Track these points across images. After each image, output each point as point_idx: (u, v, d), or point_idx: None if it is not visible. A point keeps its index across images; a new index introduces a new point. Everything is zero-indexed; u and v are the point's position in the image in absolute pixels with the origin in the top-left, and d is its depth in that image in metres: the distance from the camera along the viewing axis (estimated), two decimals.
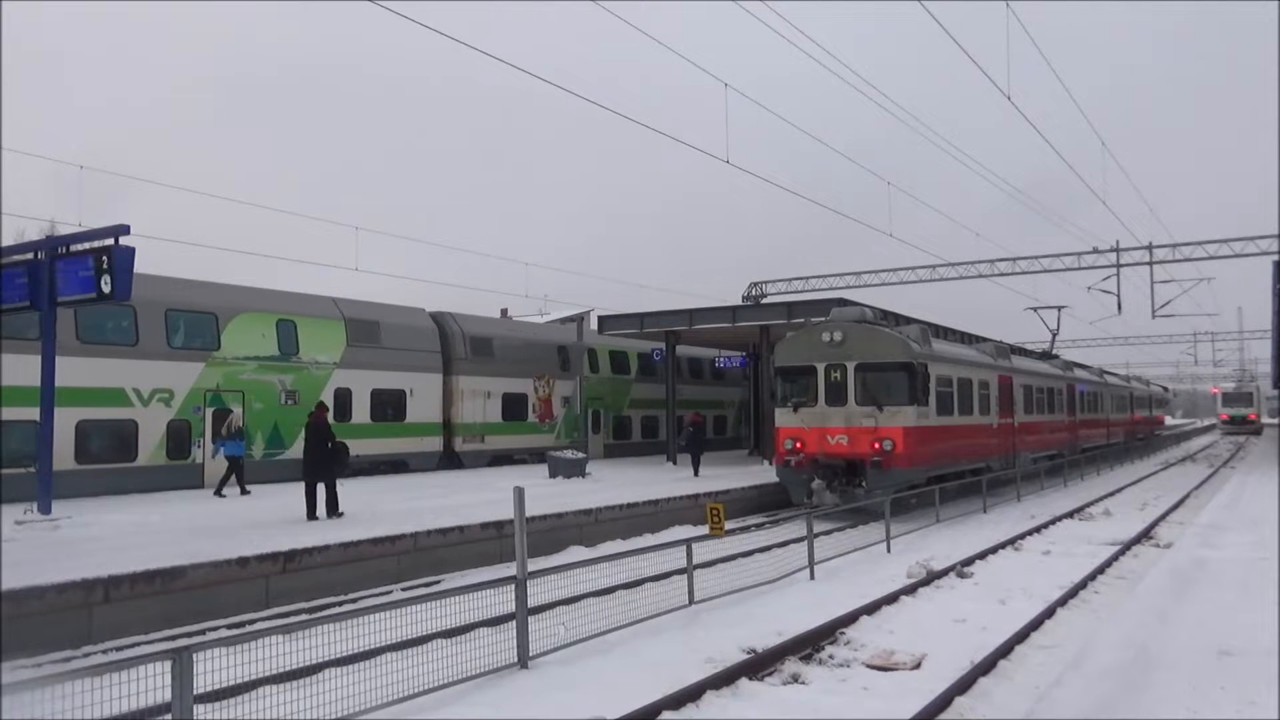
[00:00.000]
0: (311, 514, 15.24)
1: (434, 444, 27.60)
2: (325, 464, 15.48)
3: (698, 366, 40.44)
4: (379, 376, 25.80)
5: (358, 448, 23.15)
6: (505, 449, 30.04)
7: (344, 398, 24.67)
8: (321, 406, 16.38)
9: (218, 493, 19.11)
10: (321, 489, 15.52)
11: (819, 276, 36.25)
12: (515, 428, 30.72)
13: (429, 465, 27.08)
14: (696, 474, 25.22)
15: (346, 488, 17.40)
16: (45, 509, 14.95)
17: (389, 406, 26.09)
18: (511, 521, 9.09)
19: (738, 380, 40.67)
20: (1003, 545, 15.67)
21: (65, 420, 17.92)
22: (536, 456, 29.83)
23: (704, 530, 13.19)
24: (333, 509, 15.40)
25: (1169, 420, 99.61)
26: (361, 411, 25.25)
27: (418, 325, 27.78)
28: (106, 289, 14.57)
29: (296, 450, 21.13)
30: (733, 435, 42.11)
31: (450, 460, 28.07)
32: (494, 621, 9.83)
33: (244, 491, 19.44)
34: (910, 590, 11.70)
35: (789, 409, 20.65)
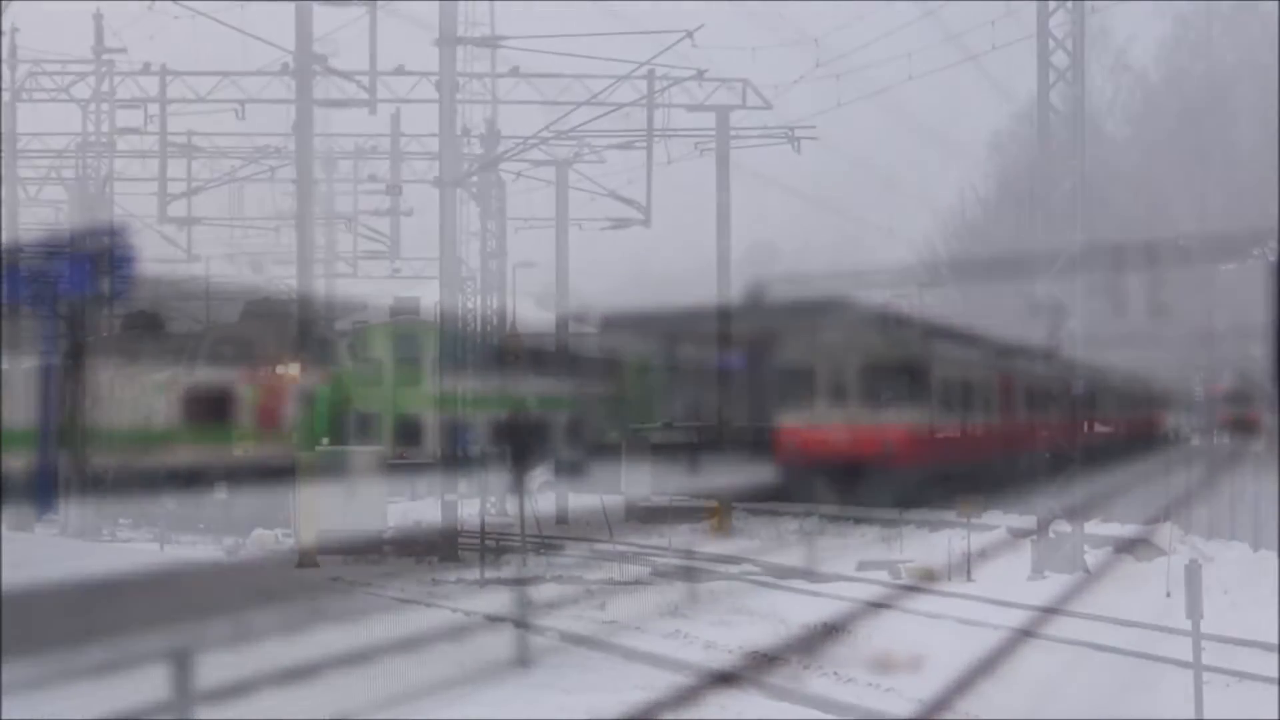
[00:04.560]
0: None
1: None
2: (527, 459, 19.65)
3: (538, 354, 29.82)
4: None
5: None
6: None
7: None
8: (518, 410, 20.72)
9: None
10: None
11: (819, 277, 36.16)
12: (207, 435, 19.47)
13: None
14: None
15: None
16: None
17: None
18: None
19: (597, 369, 31.07)
20: (1003, 545, 15.63)
21: None
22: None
23: (704, 531, 13.20)
24: None
25: (1168, 420, 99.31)
26: None
27: None
28: (107, 289, 14.57)
29: None
30: (597, 443, 30.02)
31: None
32: (494, 621, 9.82)
33: None
34: (911, 590, 11.67)
35: (790, 409, 20.59)
